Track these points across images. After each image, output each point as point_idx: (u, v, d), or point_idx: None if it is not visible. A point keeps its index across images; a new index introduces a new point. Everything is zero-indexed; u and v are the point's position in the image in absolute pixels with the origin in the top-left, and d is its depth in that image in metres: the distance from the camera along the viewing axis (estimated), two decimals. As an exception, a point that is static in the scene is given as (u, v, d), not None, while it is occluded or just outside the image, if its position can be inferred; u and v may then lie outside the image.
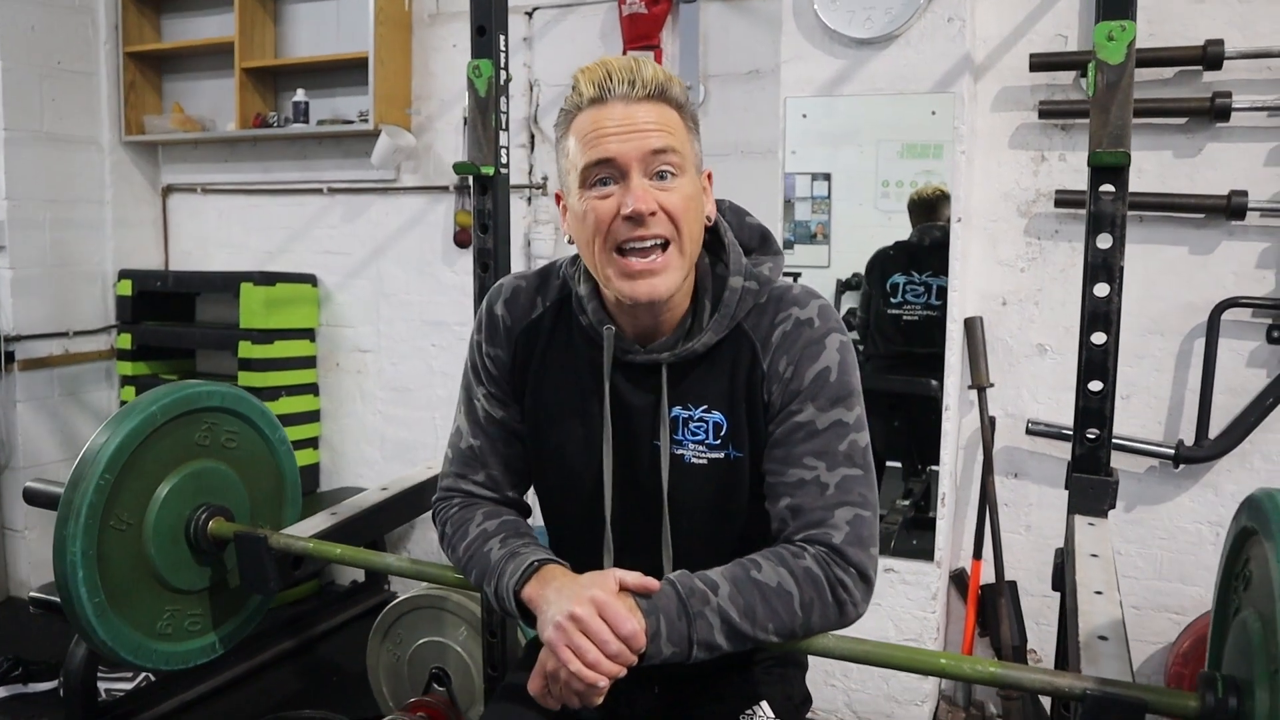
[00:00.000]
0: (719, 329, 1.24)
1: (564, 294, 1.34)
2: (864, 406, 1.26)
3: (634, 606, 1.14)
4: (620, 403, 1.28)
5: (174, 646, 1.55)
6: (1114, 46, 1.51)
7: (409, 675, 2.61)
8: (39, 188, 3.57)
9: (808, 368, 1.23)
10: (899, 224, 2.63)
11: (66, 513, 1.40)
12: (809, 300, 1.27)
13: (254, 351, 3.45)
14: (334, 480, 3.81)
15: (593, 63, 1.20)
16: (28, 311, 3.56)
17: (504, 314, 1.36)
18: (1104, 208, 1.56)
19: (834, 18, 2.56)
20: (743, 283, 1.25)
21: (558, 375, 1.33)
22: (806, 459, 1.22)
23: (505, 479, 1.39)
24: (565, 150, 1.21)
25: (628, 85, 1.16)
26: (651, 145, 1.16)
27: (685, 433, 1.27)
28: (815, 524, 1.20)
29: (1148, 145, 2.52)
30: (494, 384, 1.36)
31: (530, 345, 1.34)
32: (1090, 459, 1.61)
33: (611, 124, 1.16)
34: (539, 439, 1.35)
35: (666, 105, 1.19)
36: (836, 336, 1.25)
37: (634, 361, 1.27)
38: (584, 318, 1.29)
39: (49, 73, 3.56)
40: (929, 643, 2.65)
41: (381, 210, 3.61)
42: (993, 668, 1.06)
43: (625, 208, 1.14)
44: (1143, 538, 2.64)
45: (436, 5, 3.43)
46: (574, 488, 1.33)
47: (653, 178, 1.17)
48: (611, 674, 1.10)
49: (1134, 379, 2.60)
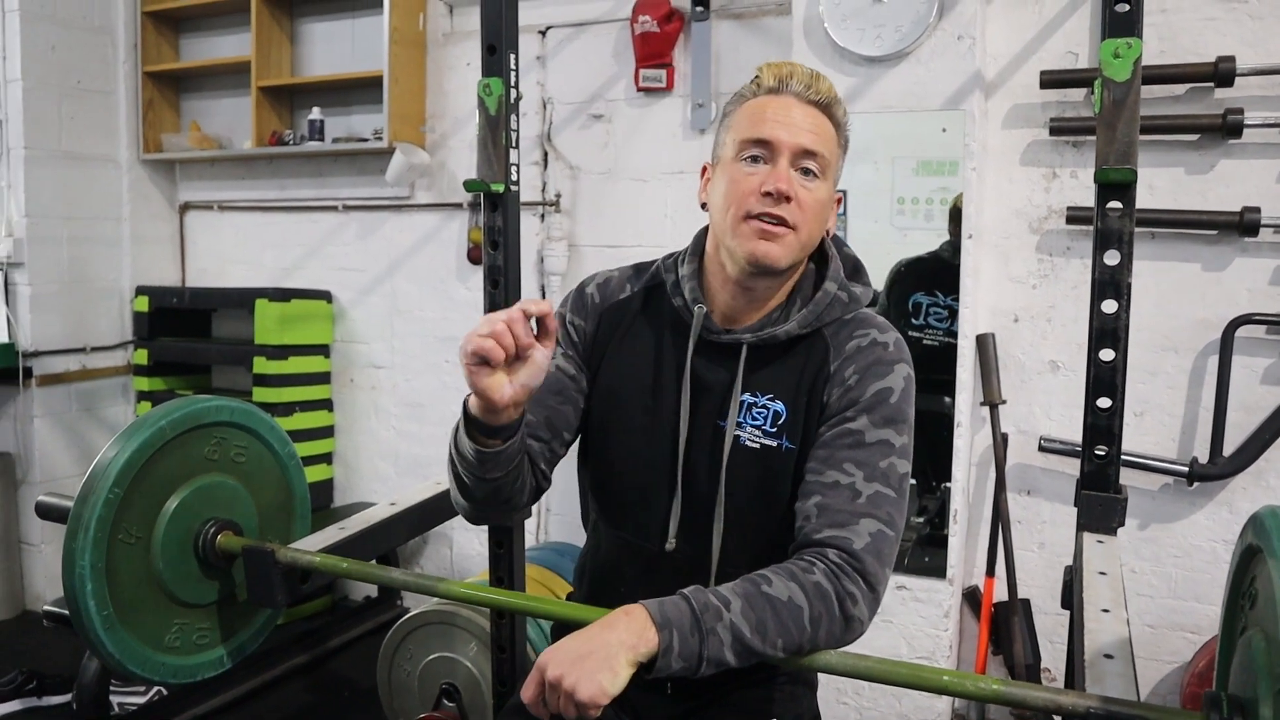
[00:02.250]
0: (804, 324, 1.31)
1: (654, 282, 1.43)
2: (912, 440, 1.30)
3: (646, 623, 1.12)
4: (694, 380, 1.34)
5: (182, 660, 1.56)
6: (1120, 64, 1.51)
7: (419, 691, 2.61)
8: (58, 205, 3.61)
9: (872, 383, 1.28)
10: (915, 241, 2.63)
11: (76, 526, 1.41)
12: (890, 330, 1.35)
13: (268, 367, 3.47)
14: (348, 496, 3.83)
15: (779, 61, 1.32)
16: (45, 327, 3.60)
17: (594, 292, 1.45)
18: (1111, 224, 1.56)
19: (844, 36, 2.57)
20: (837, 290, 1.33)
21: (637, 350, 1.40)
22: (847, 464, 1.25)
23: (539, 429, 1.38)
24: (729, 124, 1.32)
25: (804, 87, 1.28)
26: (806, 144, 1.26)
27: (747, 416, 1.33)
28: (839, 525, 1.22)
29: (1160, 162, 2.52)
30: (570, 347, 1.43)
31: (615, 322, 1.42)
32: (1099, 476, 1.60)
33: (779, 113, 1.27)
34: (608, 406, 1.40)
35: (828, 119, 1.30)
36: (905, 368, 1.31)
37: (716, 342, 1.34)
38: (678, 299, 1.37)
39: (68, 92, 3.61)
40: (941, 660, 2.63)
41: (396, 227, 3.64)
42: (996, 685, 1.05)
43: (768, 184, 1.24)
44: (1157, 556, 2.62)
45: (450, 24, 3.46)
46: (637, 458, 1.38)
47: (798, 172, 1.26)
48: (501, 337, 1.11)
49: (1147, 396, 2.59)
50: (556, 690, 1.09)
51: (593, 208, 3.30)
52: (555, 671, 1.09)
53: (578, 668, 1.08)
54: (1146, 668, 2.64)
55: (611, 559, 1.44)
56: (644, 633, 1.12)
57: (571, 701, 1.08)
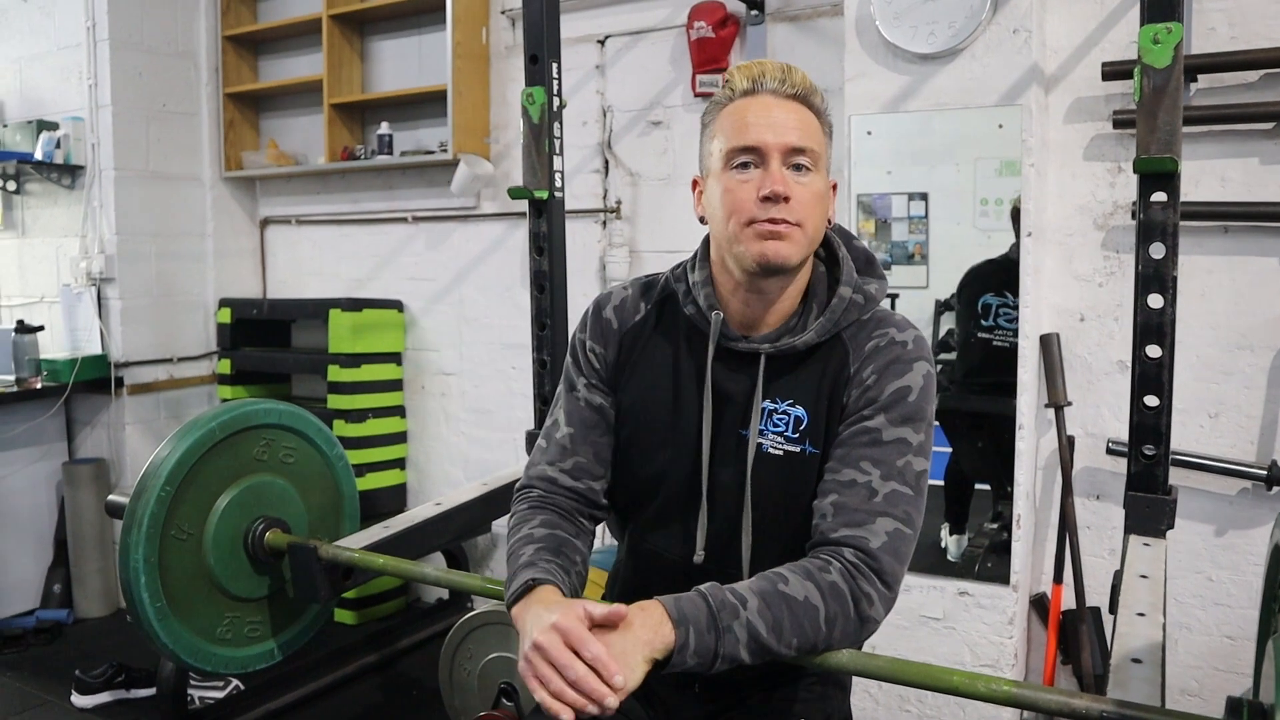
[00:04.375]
0: (822, 331, 1.30)
1: (664, 296, 1.43)
2: (932, 438, 1.29)
3: (662, 618, 1.14)
4: (715, 389, 1.34)
5: (234, 652, 1.62)
6: (1160, 50, 1.47)
7: (479, 690, 2.65)
8: (145, 223, 3.80)
9: (890, 382, 1.27)
10: (999, 242, 2.57)
11: (130, 522, 1.48)
12: (907, 327, 1.33)
13: (342, 375, 3.58)
14: (420, 500, 3.90)
15: (749, 62, 1.31)
16: (135, 339, 3.79)
17: (611, 317, 1.44)
18: (1155, 216, 1.51)
19: (897, 34, 2.54)
20: (851, 294, 1.31)
21: (656, 366, 1.40)
22: (863, 463, 1.25)
23: (590, 468, 1.42)
24: (712, 134, 1.31)
25: (778, 83, 1.27)
26: (793, 141, 1.25)
27: (768, 424, 1.32)
28: (856, 525, 1.21)
29: (1232, 153, 2.42)
30: (595, 376, 1.43)
31: (633, 345, 1.42)
32: (1146, 476, 1.55)
33: (759, 115, 1.26)
34: (632, 423, 1.41)
35: (808, 109, 1.29)
36: (924, 365, 1.30)
37: (735, 349, 1.33)
38: (690, 307, 1.36)
39: (154, 115, 3.80)
40: (1006, 669, 2.56)
41: (463, 237, 3.71)
42: (1008, 687, 1.03)
43: (764, 189, 1.23)
44: (1236, 564, 2.51)
45: (513, 37, 3.52)
46: (662, 471, 1.38)
47: (790, 169, 1.25)
48: (577, 705, 1.07)
49: (1222, 396, 2.48)
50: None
51: (653, 214, 3.32)
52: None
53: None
54: (1227, 681, 2.53)
55: (642, 571, 1.45)
56: (660, 628, 1.13)
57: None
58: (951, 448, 2.71)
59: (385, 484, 3.76)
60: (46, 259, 3.97)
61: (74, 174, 3.81)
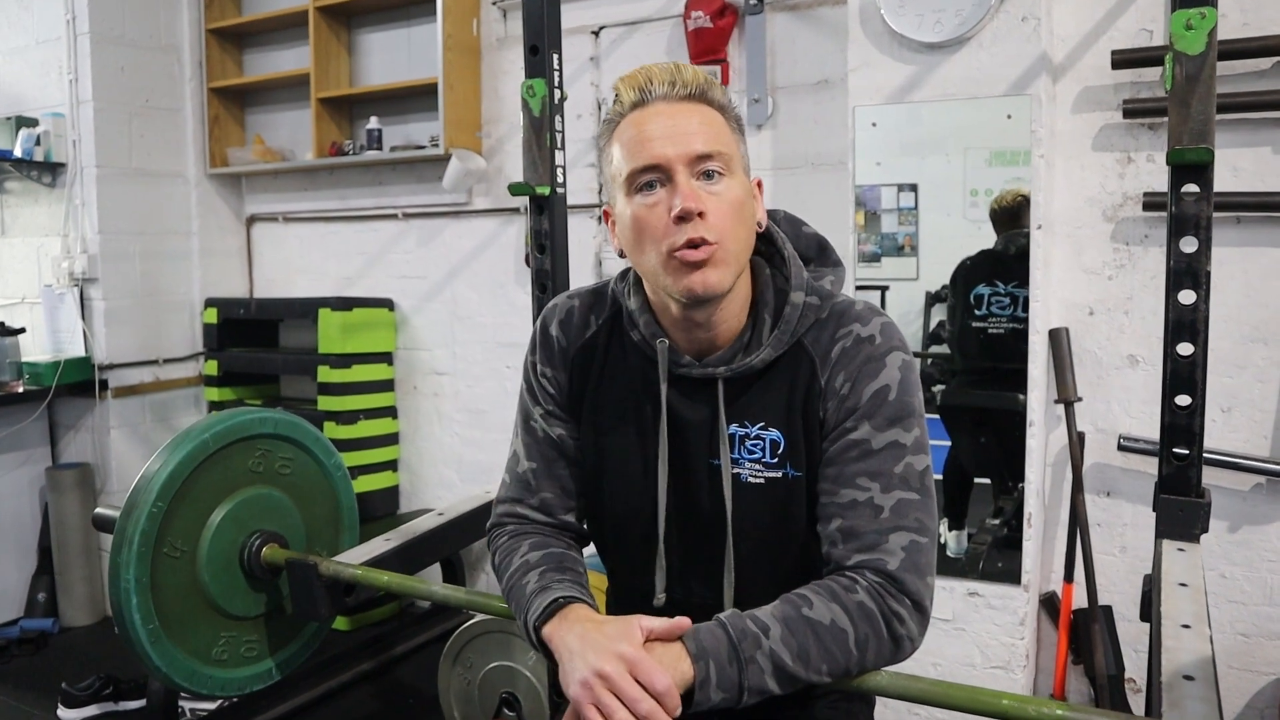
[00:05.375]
0: (778, 345, 1.20)
1: (615, 310, 1.32)
2: (925, 429, 1.19)
3: (681, 654, 1.07)
4: (675, 419, 1.24)
5: (230, 673, 1.55)
6: (1193, 36, 1.41)
7: (480, 699, 2.59)
8: (129, 221, 3.71)
9: (866, 385, 1.17)
10: (989, 233, 2.53)
11: (120, 540, 1.41)
12: (871, 317, 1.21)
13: (332, 376, 3.51)
14: (413, 502, 3.84)
15: (632, 70, 1.18)
16: (119, 341, 3.70)
17: (559, 335, 1.33)
18: (1187, 209, 1.45)
19: (902, 23, 2.48)
20: (804, 298, 1.21)
21: (613, 393, 1.30)
22: (860, 479, 1.16)
23: (559, 502, 1.35)
24: (610, 159, 1.19)
25: (668, 86, 1.15)
26: (696, 148, 1.12)
27: (742, 451, 1.22)
28: (868, 548, 1.14)
29: (1244, 142, 2.37)
30: (551, 402, 1.33)
31: (586, 367, 1.31)
32: (1179, 479, 1.50)
33: (655, 128, 1.13)
34: (595, 458, 1.32)
35: (708, 106, 1.17)
36: (899, 355, 1.19)
37: (689, 376, 1.23)
38: (635, 333, 1.26)
39: (137, 111, 3.70)
40: (1018, 671, 2.51)
41: (455, 233, 3.64)
42: (1060, 710, 0.97)
43: (674, 208, 1.11)
44: (1250, 560, 2.47)
45: (504, 29, 3.45)
46: (629, 508, 1.29)
47: (699, 178, 1.13)
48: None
49: (1236, 391, 2.44)
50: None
51: (649, 208, 3.24)
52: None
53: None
54: (1241, 680, 2.49)
55: (625, 608, 1.38)
56: (678, 664, 1.07)
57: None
58: (951, 442, 2.67)
59: (377, 487, 3.69)
60: (27, 259, 3.87)
61: (55, 171, 3.71)
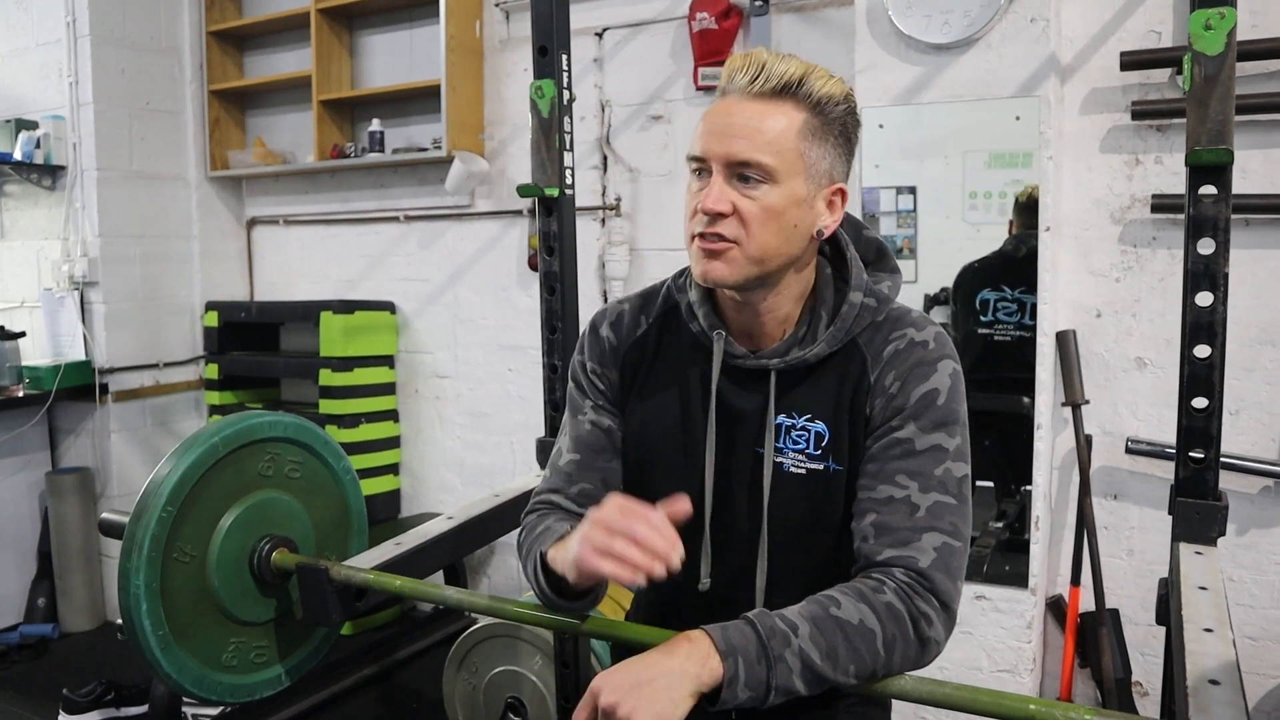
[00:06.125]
0: (833, 342, 1.22)
1: (667, 308, 1.34)
2: (968, 440, 1.20)
3: (710, 650, 1.06)
4: (725, 408, 1.25)
5: (240, 679, 1.54)
6: (1212, 36, 1.40)
7: (484, 704, 2.58)
8: (129, 224, 3.69)
9: (915, 387, 1.18)
10: (988, 236, 2.52)
11: (130, 546, 1.40)
12: (926, 325, 1.23)
13: (334, 379, 3.49)
14: (415, 506, 3.83)
15: (739, 54, 1.19)
16: (120, 344, 3.68)
17: (609, 335, 1.35)
18: (1205, 210, 1.45)
19: (910, 24, 2.48)
20: (863, 299, 1.22)
21: (662, 385, 1.31)
22: (899, 476, 1.17)
23: (598, 493, 1.33)
24: None
25: (749, 80, 1.14)
26: (736, 154, 1.13)
27: (787, 441, 1.23)
28: (901, 544, 1.14)
29: (1252, 144, 2.37)
30: (601, 397, 1.35)
31: (637, 363, 1.34)
32: (1196, 482, 1.49)
33: (718, 121, 1.15)
34: (640, 447, 1.33)
35: (794, 105, 1.15)
36: (950, 363, 1.21)
37: (743, 367, 1.24)
38: (695, 324, 1.28)
39: (138, 113, 3.69)
40: (1024, 674, 2.51)
41: (457, 236, 3.63)
42: (1089, 715, 0.96)
43: (700, 203, 1.15)
44: (1258, 563, 2.46)
45: (507, 31, 3.44)
46: (672, 492, 1.28)
47: (736, 180, 1.14)
48: (644, 565, 1.02)
49: (1243, 393, 2.44)
50: (610, 718, 1.01)
51: (654, 211, 3.24)
52: (610, 698, 1.01)
53: (635, 695, 1.01)
54: (1248, 683, 2.48)
55: (663, 599, 1.37)
56: (707, 661, 1.05)
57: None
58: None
59: (379, 490, 3.68)
60: (27, 262, 3.85)
61: (55, 174, 3.69)
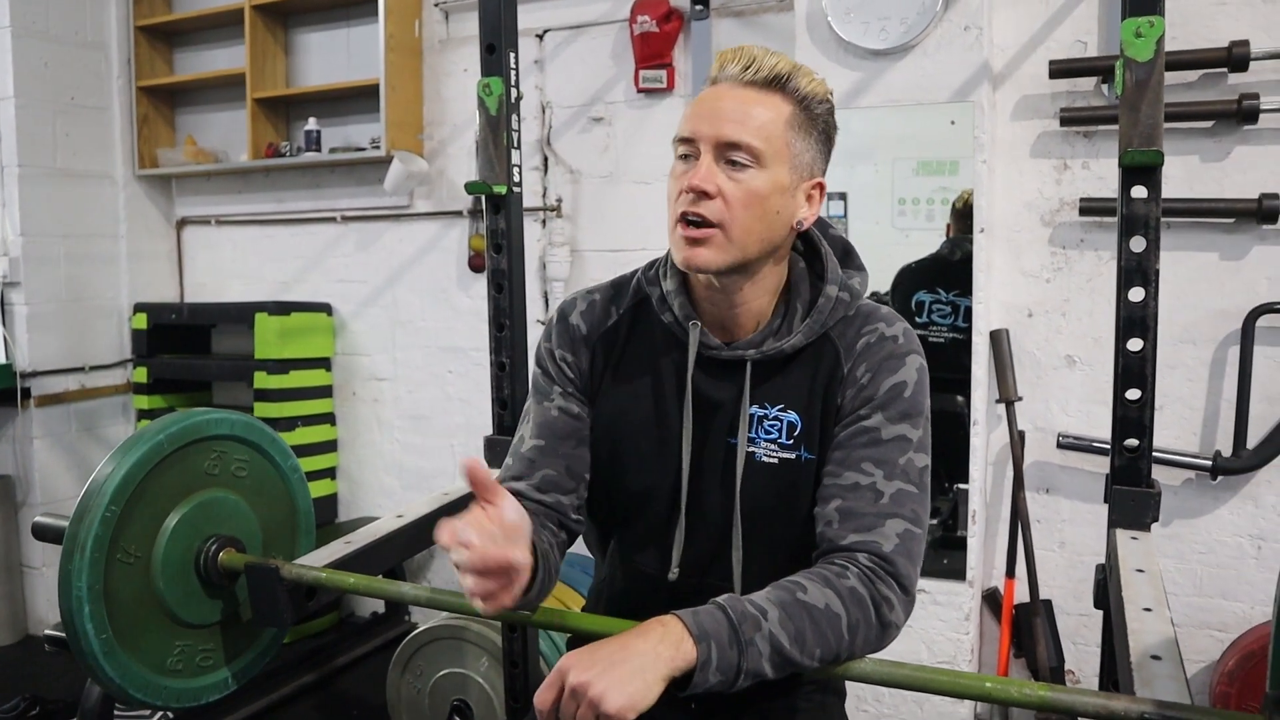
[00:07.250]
0: (809, 334, 1.25)
1: (638, 300, 1.36)
2: (929, 433, 1.25)
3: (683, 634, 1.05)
4: (699, 398, 1.28)
5: (185, 683, 1.50)
6: (1142, 43, 1.46)
7: (430, 708, 2.55)
8: (53, 223, 3.57)
9: (885, 378, 1.23)
10: (917, 241, 2.58)
11: (71, 547, 1.36)
12: (895, 320, 1.29)
13: (269, 382, 3.42)
14: (352, 510, 3.77)
15: (730, 48, 1.23)
16: (43, 347, 3.55)
17: (579, 322, 1.36)
18: (1137, 210, 1.51)
19: (848, 29, 2.53)
20: (838, 293, 1.27)
21: (634, 375, 1.32)
22: (865, 464, 1.20)
23: (561, 480, 1.32)
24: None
25: (741, 69, 1.19)
26: (726, 135, 1.16)
27: (759, 430, 1.26)
28: (866, 529, 1.17)
29: (1174, 150, 2.46)
30: (569, 384, 1.35)
31: (608, 352, 1.34)
32: (1130, 470, 1.55)
33: (708, 105, 1.19)
34: (612, 438, 1.33)
35: (782, 97, 1.20)
36: (917, 358, 1.26)
37: (717, 358, 1.27)
38: (667, 315, 1.30)
39: (62, 109, 3.57)
40: (963, 665, 2.57)
41: (395, 237, 3.59)
42: (1042, 691, 1.00)
43: (685, 182, 1.17)
44: (1181, 553, 2.56)
45: (446, 31, 3.42)
46: (646, 484, 1.31)
47: (725, 163, 1.18)
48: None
49: (1167, 389, 2.53)
50: (579, 698, 0.98)
51: (595, 212, 3.25)
52: (580, 677, 0.98)
53: (607, 675, 0.98)
54: (1173, 667, 2.58)
55: (630, 589, 1.37)
56: (681, 644, 1.04)
57: (594, 711, 0.97)
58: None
59: (315, 495, 3.57)
60: (-58, 263, 3.70)
61: (-28, 171, 3.56)
